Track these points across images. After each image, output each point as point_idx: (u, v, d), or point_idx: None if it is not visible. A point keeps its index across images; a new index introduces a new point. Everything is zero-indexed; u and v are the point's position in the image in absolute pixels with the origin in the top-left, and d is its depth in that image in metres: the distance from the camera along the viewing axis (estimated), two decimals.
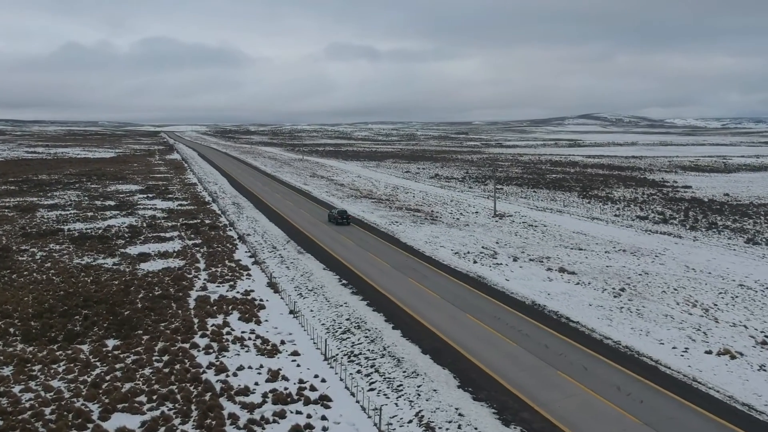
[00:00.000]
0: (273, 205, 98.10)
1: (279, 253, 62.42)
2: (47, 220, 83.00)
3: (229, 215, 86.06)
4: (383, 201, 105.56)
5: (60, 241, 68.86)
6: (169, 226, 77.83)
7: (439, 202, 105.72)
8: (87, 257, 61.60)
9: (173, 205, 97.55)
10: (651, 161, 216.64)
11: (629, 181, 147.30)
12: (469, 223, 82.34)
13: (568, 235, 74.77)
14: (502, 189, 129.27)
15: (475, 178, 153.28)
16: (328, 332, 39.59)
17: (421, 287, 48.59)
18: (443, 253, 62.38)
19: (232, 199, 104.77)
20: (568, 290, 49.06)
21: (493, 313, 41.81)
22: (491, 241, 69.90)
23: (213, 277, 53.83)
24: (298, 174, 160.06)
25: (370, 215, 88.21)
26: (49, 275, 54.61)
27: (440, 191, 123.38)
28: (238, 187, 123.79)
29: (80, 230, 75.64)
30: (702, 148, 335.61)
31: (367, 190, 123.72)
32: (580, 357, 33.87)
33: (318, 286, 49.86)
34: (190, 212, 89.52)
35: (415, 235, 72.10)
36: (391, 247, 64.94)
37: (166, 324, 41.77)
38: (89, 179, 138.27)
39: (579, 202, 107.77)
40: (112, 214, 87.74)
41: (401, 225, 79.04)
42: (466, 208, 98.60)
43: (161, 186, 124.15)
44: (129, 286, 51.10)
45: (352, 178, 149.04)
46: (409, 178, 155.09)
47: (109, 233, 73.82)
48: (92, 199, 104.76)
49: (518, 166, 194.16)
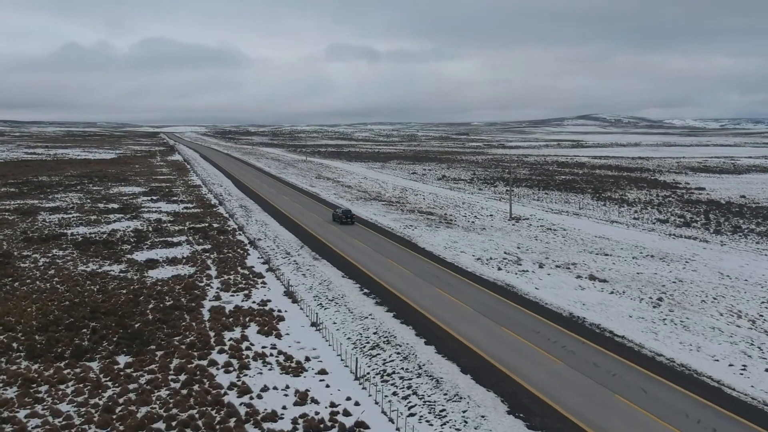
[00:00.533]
0: (282, 207, 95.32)
1: (293, 260, 59.65)
2: (49, 223, 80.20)
3: (238, 219, 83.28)
4: (394, 203, 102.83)
5: (63, 247, 66.08)
6: (176, 231, 75.06)
7: (451, 204, 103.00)
8: (92, 264, 58.82)
9: (179, 208, 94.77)
10: (658, 162, 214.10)
11: (640, 182, 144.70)
12: (486, 227, 79.63)
13: (590, 239, 72.07)
14: (512, 191, 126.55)
15: (483, 180, 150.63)
16: (356, 347, 36.83)
17: (449, 297, 45.85)
18: (465, 259, 59.65)
19: (239, 202, 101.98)
20: (603, 300, 46.33)
21: (530, 326, 39.07)
22: (512, 246, 67.18)
23: (226, 286, 51.07)
24: (303, 176, 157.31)
25: (383, 218, 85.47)
26: (53, 283, 51.85)
27: (450, 193, 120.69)
28: (244, 189, 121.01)
29: (84, 235, 72.84)
30: (707, 149, 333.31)
31: (375, 192, 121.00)
32: (636, 377, 31.12)
33: (339, 296, 47.09)
34: (196, 216, 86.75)
35: (432, 239, 69.36)
36: (409, 253, 62.19)
37: (181, 338, 39.00)
38: (91, 181, 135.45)
39: (594, 204, 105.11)
40: (116, 218, 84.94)
41: (417, 229, 76.31)
42: (479, 210, 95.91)
43: (165, 188, 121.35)
44: (138, 295, 48.33)
45: (359, 180, 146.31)
46: (417, 179, 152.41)
47: (114, 238, 71.03)
48: (95, 201, 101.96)
49: (525, 168, 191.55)
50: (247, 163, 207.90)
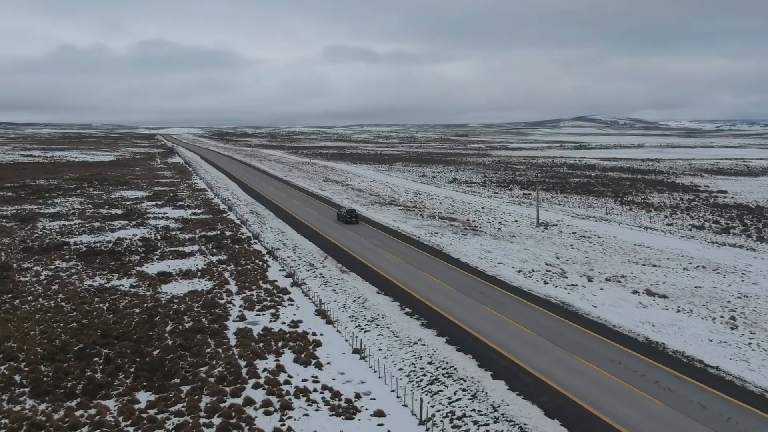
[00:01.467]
0: (295, 213, 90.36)
1: (319, 272, 54.79)
2: (50, 231, 75.14)
3: (251, 226, 78.31)
4: (411, 208, 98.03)
5: (66, 258, 61.10)
6: (187, 239, 70.09)
7: (471, 209, 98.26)
8: (99, 277, 53.86)
9: (186, 213, 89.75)
10: (670, 164, 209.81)
11: (659, 185, 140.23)
12: (515, 234, 74.91)
13: (630, 248, 67.40)
14: (529, 195, 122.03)
15: (496, 183, 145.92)
16: (411, 381, 32.02)
17: (502, 317, 41.06)
18: (505, 271, 54.88)
19: (249, 207, 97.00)
20: (673, 320, 41.61)
21: (607, 355, 34.30)
22: (550, 256, 62.47)
23: (250, 303, 46.18)
24: (311, 179, 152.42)
25: (404, 225, 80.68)
26: (57, 301, 46.95)
27: (466, 197, 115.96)
28: (252, 194, 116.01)
29: (88, 244, 67.84)
30: (711, 150, 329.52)
31: (388, 195, 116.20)
32: (758, 424, 26.35)
33: (378, 316, 42.26)
34: (206, 222, 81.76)
35: (463, 248, 64.59)
36: (443, 264, 57.39)
37: (207, 369, 34.15)
38: (91, 184, 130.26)
39: (619, 209, 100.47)
40: (120, 225, 79.91)
41: (444, 237, 71.54)
42: (501, 216, 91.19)
43: (169, 192, 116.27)
44: (153, 315, 43.43)
45: (368, 183, 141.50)
46: (427, 182, 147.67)
47: (121, 247, 66.05)
48: (97, 207, 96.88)
49: (535, 170, 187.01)
50: (250, 165, 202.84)
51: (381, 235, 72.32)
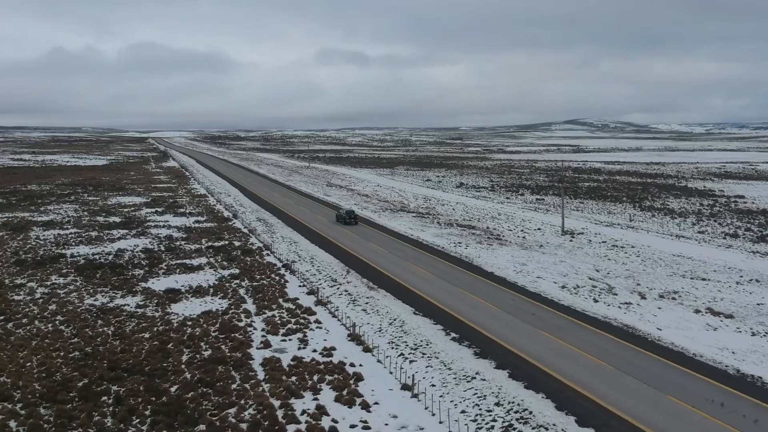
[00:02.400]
0: (305, 221, 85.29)
1: (344, 289, 49.87)
2: (44, 241, 69.85)
3: (261, 235, 73.23)
4: (425, 215, 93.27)
5: (63, 272, 55.91)
6: (194, 251, 65.00)
7: (487, 216, 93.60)
8: (101, 295, 48.76)
9: (189, 221, 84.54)
10: (676, 168, 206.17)
11: (673, 190, 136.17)
12: (543, 244, 70.28)
13: (669, 259, 62.90)
14: (543, 200, 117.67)
15: (505, 187, 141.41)
16: (480, 428, 27.14)
17: (567, 346, 36.29)
18: (548, 287, 50.17)
19: (256, 215, 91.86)
20: (753, 346, 37.05)
21: (703, 394, 29.62)
22: (588, 268, 57.85)
23: (273, 326, 41.24)
24: (313, 183, 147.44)
25: (423, 233, 75.91)
26: (56, 324, 41.90)
27: (478, 203, 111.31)
28: (256, 200, 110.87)
29: (86, 256, 62.64)
30: (713, 153, 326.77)
31: (397, 201, 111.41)
32: None
33: (422, 342, 37.41)
34: (211, 231, 76.63)
35: (494, 260, 59.85)
36: (479, 279, 52.59)
37: (236, 411, 29.24)
38: (85, 190, 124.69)
39: (642, 215, 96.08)
40: (119, 234, 74.66)
41: (470, 247, 66.81)
42: (521, 223, 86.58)
43: (168, 198, 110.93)
44: (165, 341, 38.42)
45: (373, 188, 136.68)
46: (433, 187, 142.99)
47: (122, 260, 60.90)
48: (93, 214, 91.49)
49: (539, 174, 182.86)
50: (248, 169, 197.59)
51: (402, 246, 67.52)
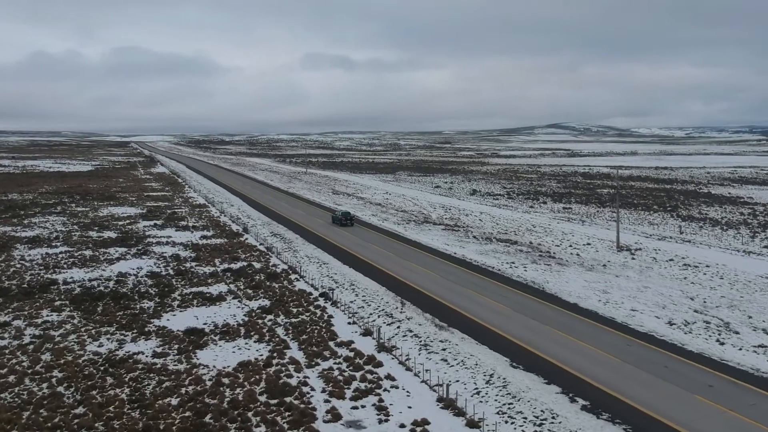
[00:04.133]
0: (327, 236, 75.75)
1: (406, 327, 40.83)
2: (30, 263, 60.06)
3: (282, 254, 63.84)
4: (453, 228, 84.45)
5: (56, 304, 46.31)
6: (208, 275, 55.54)
7: (521, 228, 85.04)
8: (106, 338, 39.35)
9: (194, 237, 74.89)
10: (688, 173, 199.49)
11: (698, 197, 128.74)
12: (604, 263, 61.82)
13: (762, 282, 54.63)
14: (570, 209, 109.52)
15: (522, 194, 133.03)
16: None
17: (745, 420, 27.49)
18: (650, 323, 41.57)
19: (269, 228, 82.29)
20: None
21: None
22: (678, 295, 49.37)
23: (334, 385, 32.12)
24: (317, 190, 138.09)
25: (462, 249, 67.17)
26: (52, 383, 32.45)
27: (503, 212, 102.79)
28: (264, 210, 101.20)
29: (82, 282, 53.01)
30: (713, 158, 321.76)
31: (416, 211, 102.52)
32: None
33: (544, 414, 28.42)
34: (223, 249, 67.15)
35: (567, 286, 51.16)
36: (566, 314, 43.74)
37: None
38: (72, 199, 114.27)
39: (686, 226, 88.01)
40: (118, 253, 64.96)
41: (528, 269, 58.11)
42: (562, 236, 78.15)
43: (164, 209, 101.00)
44: (201, 411, 29.19)
45: (383, 196, 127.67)
46: (446, 194, 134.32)
47: (126, 287, 51.36)
48: (84, 228, 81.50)
49: (548, 179, 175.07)
50: (244, 175, 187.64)
51: (451, 267, 58.57)
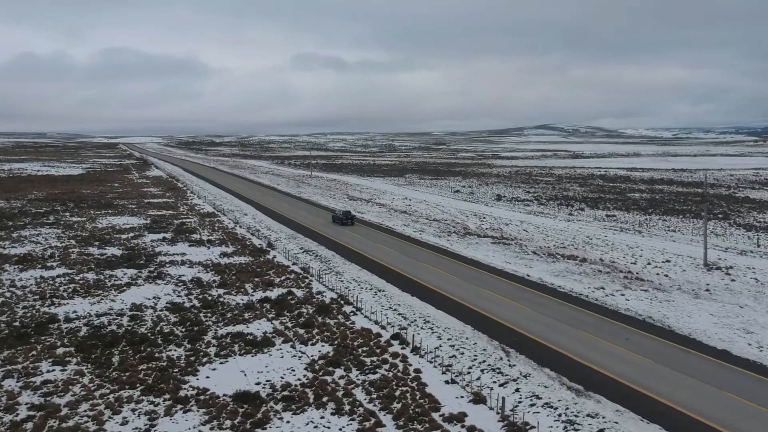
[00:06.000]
0: (372, 255, 64.03)
1: (528, 390, 30.96)
2: (22, 292, 49.63)
3: (325, 279, 53.59)
4: (502, 240, 74.75)
5: (59, 353, 36.14)
6: (243, 307, 45.38)
7: (578, 241, 75.63)
8: (129, 408, 29.27)
9: (213, 254, 64.65)
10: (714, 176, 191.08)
11: (743, 202, 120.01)
12: (706, 287, 52.36)
13: None
14: (614, 217, 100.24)
15: (551, 199, 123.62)
16: None
17: None
18: None
19: (295, 242, 71.96)
20: None
21: None
22: None
23: None
24: (331, 196, 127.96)
25: (531, 270, 57.61)
26: None
27: (546, 222, 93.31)
28: (282, 220, 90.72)
29: (88, 319, 42.75)
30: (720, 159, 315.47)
31: (448, 220, 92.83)
32: None
33: None
34: (250, 270, 56.97)
35: (694, 323, 41.51)
36: (724, 367, 33.93)
37: None
38: (65, 207, 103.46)
39: (756, 236, 78.86)
40: (126, 276, 54.64)
41: (628, 297, 48.44)
42: (630, 251, 68.82)
43: (170, 218, 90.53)
44: None
45: (403, 202, 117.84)
46: (469, 199, 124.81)
47: (144, 327, 41.18)
48: (82, 243, 71.01)
49: (569, 182, 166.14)
50: (246, 178, 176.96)
51: (533, 295, 48.65)
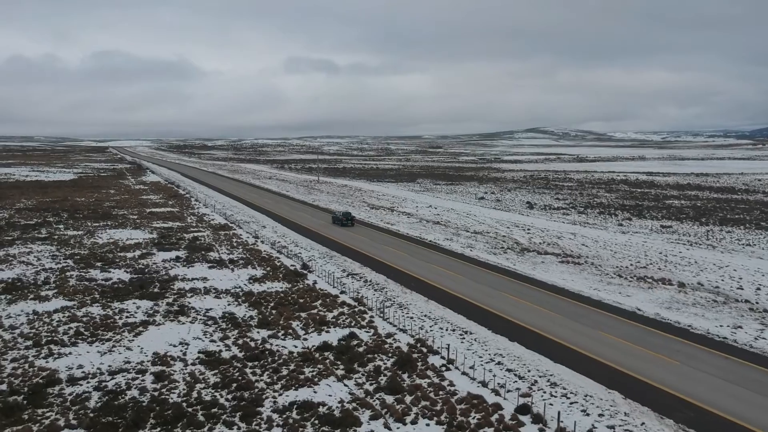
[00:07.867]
0: (435, 281, 52.39)
1: None
2: (12, 335, 39.04)
3: (388, 314, 43.27)
4: (568, 259, 64.88)
5: None
6: (297, 357, 35.02)
7: (655, 259, 65.92)
8: None
9: (241, 279, 54.17)
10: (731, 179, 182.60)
11: None
12: None
13: None
14: (670, 227, 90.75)
15: (588, 208, 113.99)
16: None
17: None
18: None
19: (333, 262, 61.41)
20: None
21: None
22: None
23: None
24: (350, 204, 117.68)
25: (629, 299, 47.75)
26: None
27: (597, 233, 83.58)
28: (309, 234, 79.83)
29: (99, 378, 32.30)
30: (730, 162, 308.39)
31: (491, 232, 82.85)
32: None
33: None
34: (291, 301, 46.60)
35: None
36: None
37: None
38: (58, 218, 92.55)
39: None
40: (140, 312, 44.10)
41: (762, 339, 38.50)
42: (721, 271, 59.23)
43: (179, 232, 79.89)
44: None
45: (428, 210, 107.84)
46: (498, 207, 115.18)
47: (176, 391, 30.77)
48: (81, 264, 60.31)
49: (594, 188, 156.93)
50: (252, 184, 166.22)
51: (678, 344, 38.56)
